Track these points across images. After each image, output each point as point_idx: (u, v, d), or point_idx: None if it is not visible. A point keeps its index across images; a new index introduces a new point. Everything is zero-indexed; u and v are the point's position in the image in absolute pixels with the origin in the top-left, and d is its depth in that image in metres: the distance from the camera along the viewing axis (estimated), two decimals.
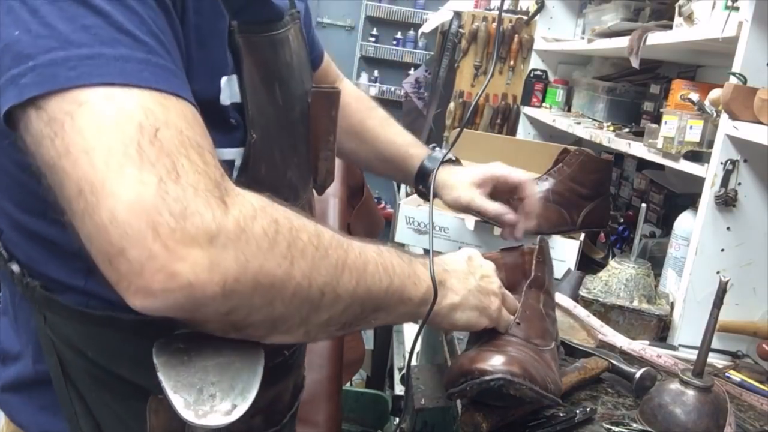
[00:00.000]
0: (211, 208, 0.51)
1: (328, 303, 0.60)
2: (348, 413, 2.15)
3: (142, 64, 0.53)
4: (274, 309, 0.56)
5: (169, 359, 0.57)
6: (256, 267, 0.53)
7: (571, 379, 0.93)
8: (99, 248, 0.50)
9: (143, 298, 0.50)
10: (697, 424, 0.84)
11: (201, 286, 0.50)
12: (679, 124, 1.27)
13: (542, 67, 2.69)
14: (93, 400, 0.70)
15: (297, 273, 0.56)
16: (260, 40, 0.74)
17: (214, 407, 0.53)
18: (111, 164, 0.49)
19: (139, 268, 0.49)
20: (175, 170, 0.50)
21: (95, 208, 0.49)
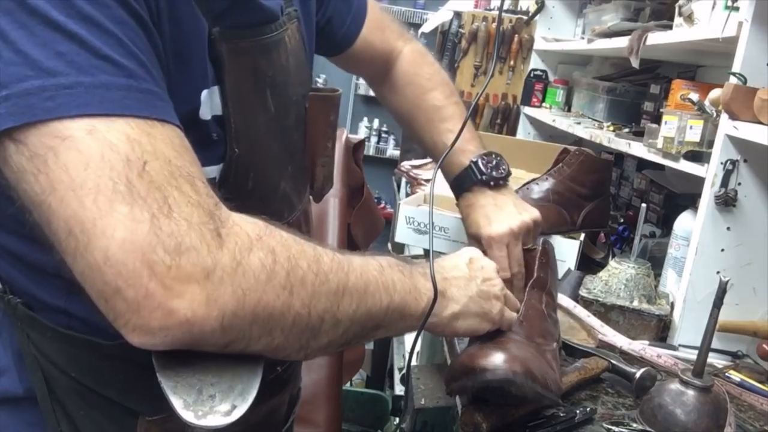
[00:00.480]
0: (206, 243, 0.50)
1: (328, 328, 0.60)
2: (348, 413, 2.15)
3: (123, 90, 0.51)
4: (274, 339, 0.56)
5: (168, 359, 0.57)
6: (254, 300, 0.52)
7: (571, 379, 0.93)
8: (94, 287, 0.49)
9: (141, 336, 0.50)
10: (697, 424, 0.84)
11: (199, 323, 0.50)
12: (679, 124, 1.27)
13: (542, 67, 2.69)
14: (80, 418, 0.68)
15: (296, 302, 0.56)
16: (248, 45, 0.70)
17: (214, 408, 0.53)
18: (100, 202, 0.48)
19: (136, 306, 0.48)
20: (167, 204, 0.49)
21: (87, 247, 0.48)
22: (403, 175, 2.29)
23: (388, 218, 2.17)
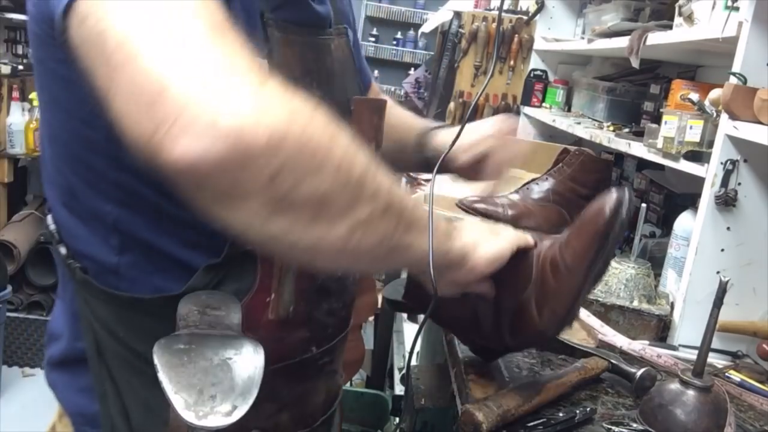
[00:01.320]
0: (254, 69, 0.50)
1: (370, 193, 0.56)
2: (348, 413, 2.14)
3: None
4: (321, 181, 0.52)
5: (170, 360, 0.57)
6: (303, 124, 0.50)
7: (571, 379, 0.93)
8: (138, 95, 0.47)
9: (186, 143, 0.45)
10: (697, 424, 0.84)
11: (249, 131, 0.46)
12: (679, 124, 1.27)
13: (542, 67, 2.70)
14: (123, 383, 0.73)
15: (339, 147, 0.53)
16: (298, 38, 0.75)
17: (215, 408, 0.53)
18: (161, 17, 0.48)
19: (185, 102, 0.46)
20: (221, 31, 0.50)
21: (137, 54, 0.47)
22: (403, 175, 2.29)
23: None
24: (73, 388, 0.78)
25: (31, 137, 3.30)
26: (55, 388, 0.81)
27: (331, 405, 0.91)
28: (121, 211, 0.70)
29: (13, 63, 3.43)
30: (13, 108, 3.30)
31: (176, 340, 0.61)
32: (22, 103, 3.34)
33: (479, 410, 0.79)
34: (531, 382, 0.87)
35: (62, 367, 0.79)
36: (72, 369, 0.77)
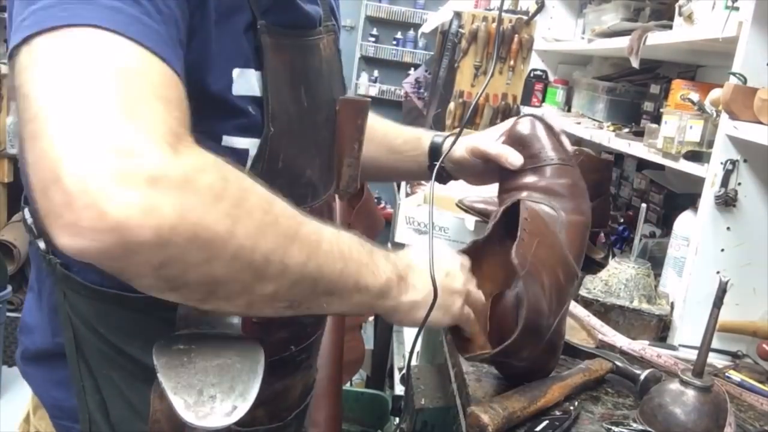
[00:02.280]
0: (158, 152, 0.49)
1: (274, 273, 0.57)
2: (348, 413, 2.14)
3: (132, 18, 0.53)
4: (213, 269, 0.52)
5: (169, 360, 0.57)
6: (195, 218, 0.50)
7: (576, 381, 0.93)
8: (37, 175, 0.48)
9: (69, 236, 0.47)
10: (697, 424, 0.84)
11: (133, 230, 0.47)
12: (679, 124, 1.27)
13: (542, 67, 2.69)
14: (102, 378, 0.73)
15: (240, 233, 0.53)
16: (288, 42, 0.76)
17: (215, 408, 0.53)
18: (74, 95, 0.49)
19: (71, 199, 0.46)
20: (134, 112, 0.50)
21: (44, 132, 0.48)
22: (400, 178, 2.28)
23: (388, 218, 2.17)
24: (51, 381, 0.77)
25: None
26: (31, 382, 0.80)
27: (305, 398, 0.94)
28: None
29: None
30: (13, 108, 3.30)
31: (176, 340, 0.61)
32: None
33: (485, 412, 0.79)
34: (536, 383, 0.87)
35: (38, 361, 0.79)
36: (49, 363, 0.77)
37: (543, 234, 0.86)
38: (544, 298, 0.81)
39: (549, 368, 0.91)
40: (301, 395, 0.92)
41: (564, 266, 0.86)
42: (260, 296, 0.58)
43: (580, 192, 0.93)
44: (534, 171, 0.93)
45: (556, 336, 0.86)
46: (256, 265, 0.55)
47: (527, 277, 0.79)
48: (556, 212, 0.90)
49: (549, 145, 0.94)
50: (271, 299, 0.59)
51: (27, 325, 0.81)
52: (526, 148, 0.94)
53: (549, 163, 0.92)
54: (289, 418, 0.89)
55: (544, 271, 0.82)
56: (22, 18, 0.53)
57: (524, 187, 0.93)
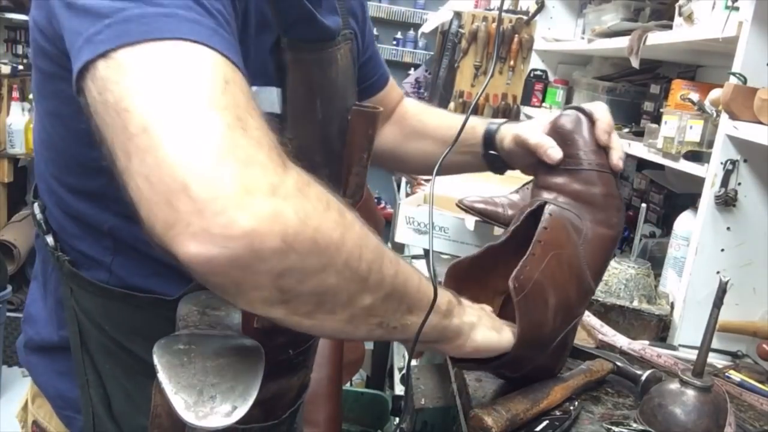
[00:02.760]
0: (273, 163, 0.50)
1: (374, 284, 0.58)
2: (348, 413, 2.15)
3: (212, 30, 0.54)
4: (327, 277, 0.53)
5: (169, 360, 0.57)
6: (315, 225, 0.51)
7: (578, 382, 0.93)
8: (157, 187, 0.48)
9: (200, 243, 0.47)
10: (697, 424, 0.84)
11: (261, 236, 0.48)
12: (679, 124, 1.27)
13: (542, 67, 2.70)
14: (105, 372, 0.74)
15: (349, 241, 0.54)
16: (308, 57, 0.77)
17: (214, 409, 0.53)
18: (183, 104, 0.49)
19: (201, 207, 0.46)
20: (242, 121, 0.50)
21: (160, 144, 0.48)
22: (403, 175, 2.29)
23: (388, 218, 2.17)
24: (54, 372, 0.78)
25: (31, 137, 3.30)
26: (33, 371, 0.81)
27: (300, 397, 0.94)
28: (118, 221, 0.69)
29: (13, 63, 3.43)
30: (13, 108, 3.30)
31: (176, 340, 0.61)
32: (22, 103, 3.34)
33: (488, 415, 0.79)
34: (538, 385, 0.87)
35: (42, 352, 0.80)
36: (52, 354, 0.78)
37: (561, 246, 0.82)
38: (547, 317, 0.79)
39: (554, 371, 0.90)
40: (297, 394, 0.93)
41: (578, 283, 0.82)
42: (360, 309, 0.58)
43: (613, 203, 0.86)
44: (569, 172, 0.87)
45: (561, 347, 0.85)
46: (361, 274, 0.56)
47: (523, 301, 0.76)
48: (582, 222, 0.85)
49: (590, 147, 0.87)
50: (367, 313, 0.60)
51: (31, 316, 0.82)
52: (566, 145, 0.88)
53: (586, 168, 0.86)
54: (284, 416, 0.90)
55: (552, 288, 0.79)
56: (93, 31, 0.52)
57: (555, 188, 0.87)
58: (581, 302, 0.85)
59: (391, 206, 5.33)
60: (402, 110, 1.17)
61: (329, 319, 0.57)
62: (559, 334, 0.82)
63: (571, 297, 0.82)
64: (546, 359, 0.84)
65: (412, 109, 1.17)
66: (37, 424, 0.83)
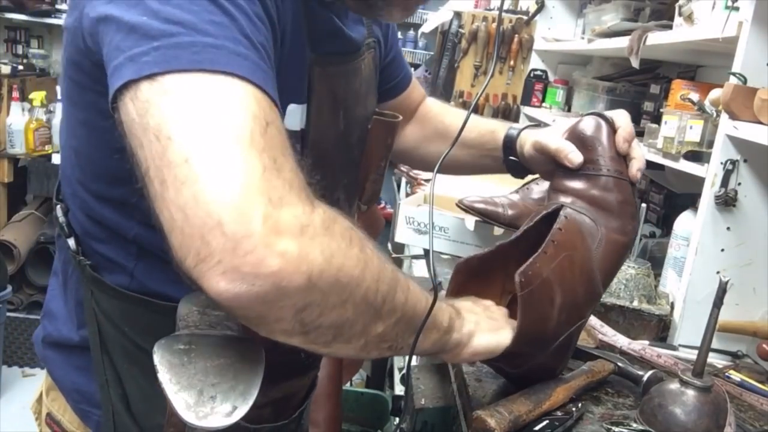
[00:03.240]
0: (302, 203, 0.52)
1: (387, 313, 0.61)
2: (348, 413, 2.14)
3: (256, 66, 0.55)
4: (345, 311, 0.56)
5: (170, 360, 0.57)
6: (339, 263, 0.53)
7: (580, 383, 0.92)
8: (191, 220, 0.49)
9: (230, 280, 0.49)
10: (697, 424, 0.84)
11: (288, 276, 0.50)
12: (679, 124, 1.28)
13: (542, 67, 2.70)
14: (124, 372, 0.76)
15: (368, 276, 0.57)
16: (334, 71, 0.79)
17: (215, 409, 0.53)
18: (224, 141, 0.50)
19: (234, 245, 0.48)
20: (277, 163, 0.52)
21: (200, 177, 0.49)
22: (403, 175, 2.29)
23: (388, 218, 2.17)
24: (71, 366, 0.80)
25: (31, 137, 3.30)
26: (50, 365, 0.83)
27: (308, 396, 0.95)
28: (143, 230, 0.71)
29: (13, 63, 3.44)
30: (13, 108, 3.30)
31: (176, 340, 0.61)
32: (22, 103, 3.34)
33: (491, 416, 0.79)
34: (540, 386, 0.87)
35: (60, 348, 0.81)
36: (71, 350, 0.80)
37: (574, 248, 0.82)
38: (552, 315, 0.79)
39: (555, 372, 0.90)
40: (306, 394, 0.94)
41: (587, 286, 0.83)
42: (373, 337, 0.61)
43: (628, 210, 0.87)
44: (588, 178, 0.88)
45: (563, 348, 0.85)
46: (376, 305, 0.59)
47: (528, 296, 0.77)
48: (597, 227, 0.85)
49: (609, 153, 0.88)
50: (380, 339, 0.62)
51: (51, 312, 0.83)
52: (585, 150, 0.89)
53: (605, 174, 0.87)
54: (294, 415, 0.90)
55: (560, 288, 0.79)
56: (139, 51, 0.53)
57: (572, 192, 0.88)
58: (588, 305, 0.85)
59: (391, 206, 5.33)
60: (424, 110, 1.17)
61: (344, 347, 0.60)
62: (562, 333, 0.82)
63: (579, 299, 0.82)
64: (547, 358, 0.84)
65: (435, 109, 1.18)
66: (51, 417, 0.84)
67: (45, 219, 3.46)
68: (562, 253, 0.80)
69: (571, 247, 0.81)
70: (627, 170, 0.88)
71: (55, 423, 0.84)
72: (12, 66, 3.33)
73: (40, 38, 3.96)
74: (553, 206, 0.87)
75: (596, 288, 0.85)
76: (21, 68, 3.45)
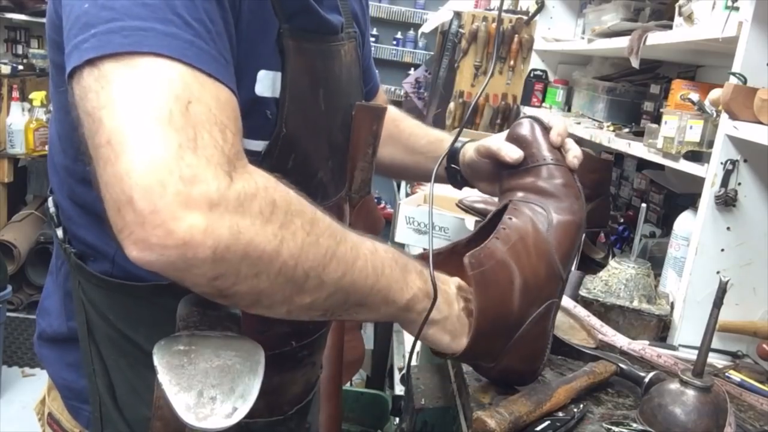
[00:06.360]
0: (217, 180, 0.55)
1: (312, 287, 0.63)
2: (348, 413, 2.15)
3: (188, 44, 0.58)
4: (260, 282, 0.58)
5: (169, 361, 0.57)
6: (247, 239, 0.56)
7: (581, 384, 0.92)
8: (112, 195, 0.54)
9: (140, 250, 0.54)
10: (697, 424, 0.84)
11: (194, 248, 0.53)
12: (679, 124, 1.28)
13: (542, 67, 2.69)
14: (111, 362, 0.77)
15: (285, 252, 0.59)
16: (310, 47, 0.80)
17: (215, 410, 0.53)
18: (142, 123, 0.54)
19: (142, 220, 0.53)
20: (195, 141, 0.55)
21: (118, 157, 0.53)
22: None
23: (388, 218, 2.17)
24: (62, 363, 0.82)
25: (31, 137, 3.30)
26: (45, 362, 0.85)
27: (307, 395, 0.95)
28: None
29: (13, 63, 3.44)
30: (13, 108, 3.30)
31: (176, 341, 0.61)
32: (22, 103, 3.34)
33: (491, 417, 0.79)
34: (541, 387, 0.87)
35: (53, 344, 0.83)
36: (62, 345, 0.82)
37: (526, 233, 0.86)
38: (512, 298, 0.81)
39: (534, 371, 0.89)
40: (303, 391, 0.93)
41: (547, 266, 0.85)
42: (298, 306, 0.63)
43: (572, 192, 0.92)
44: (529, 171, 0.93)
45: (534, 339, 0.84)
46: (296, 279, 0.61)
47: (480, 276, 0.79)
48: (546, 212, 0.89)
49: (544, 145, 0.94)
50: (308, 309, 0.64)
51: (45, 309, 0.86)
52: (523, 148, 0.95)
53: (543, 163, 0.93)
54: (290, 412, 0.90)
55: (518, 269, 0.82)
56: (81, 39, 0.58)
57: (520, 188, 0.93)
58: (551, 285, 0.86)
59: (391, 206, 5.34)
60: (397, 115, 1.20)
61: (269, 311, 0.63)
62: (528, 315, 0.82)
63: (540, 280, 0.84)
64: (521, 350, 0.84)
65: (392, 115, 1.19)
66: (51, 416, 0.86)
67: (45, 219, 3.44)
68: (515, 236, 0.84)
69: (523, 232, 0.85)
70: (564, 159, 0.93)
71: (55, 422, 0.85)
72: (12, 66, 3.33)
73: (40, 38, 3.96)
74: (503, 203, 0.92)
75: (556, 268, 0.87)
76: (21, 68, 3.45)
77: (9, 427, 2.52)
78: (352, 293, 0.67)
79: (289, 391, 0.90)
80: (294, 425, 0.92)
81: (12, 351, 3.10)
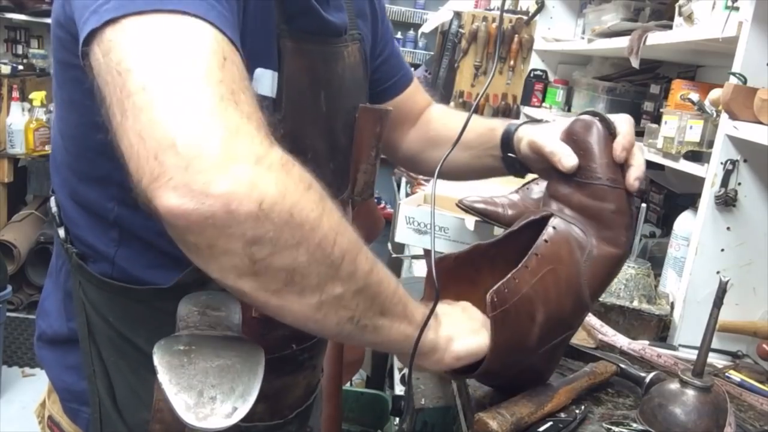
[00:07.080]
0: (260, 137, 0.52)
1: (346, 274, 0.58)
2: (348, 413, 2.15)
3: (210, 6, 0.56)
4: (298, 255, 0.54)
5: (170, 361, 0.57)
6: (294, 200, 0.52)
7: (582, 384, 0.92)
8: (149, 142, 0.50)
9: (179, 196, 0.49)
10: (697, 424, 0.84)
11: (239, 200, 0.49)
12: (679, 124, 1.28)
13: (542, 67, 2.70)
14: (111, 364, 0.76)
15: (325, 224, 0.55)
16: (310, 48, 0.79)
17: (215, 410, 0.53)
18: (180, 71, 0.51)
19: (186, 163, 0.49)
20: (234, 96, 0.52)
21: (155, 103, 0.50)
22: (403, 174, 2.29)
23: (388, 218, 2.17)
24: (62, 365, 0.81)
25: (31, 137, 3.30)
26: (45, 364, 0.84)
27: (308, 398, 0.94)
28: (122, 210, 0.72)
29: (13, 63, 3.44)
30: (13, 108, 3.30)
31: (176, 341, 0.61)
32: (22, 103, 3.34)
33: (493, 419, 0.79)
34: (542, 388, 0.86)
35: (53, 345, 0.82)
36: (62, 347, 0.81)
37: (560, 261, 0.78)
38: (530, 334, 0.76)
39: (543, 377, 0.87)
40: (304, 394, 0.92)
41: (574, 301, 0.79)
42: (330, 297, 0.58)
43: (622, 221, 0.82)
44: (580, 186, 0.83)
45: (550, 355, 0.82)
46: (333, 259, 0.57)
47: (501, 317, 0.74)
48: (587, 238, 0.80)
49: (604, 159, 0.82)
50: (337, 303, 0.59)
51: (44, 310, 0.85)
52: (580, 155, 0.83)
53: (597, 183, 0.82)
54: (291, 416, 0.89)
55: (542, 305, 0.76)
56: (100, 3, 0.55)
57: (563, 198, 0.84)
58: (575, 319, 0.82)
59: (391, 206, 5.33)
60: (428, 115, 1.14)
61: (297, 301, 0.57)
62: (544, 345, 0.79)
63: (565, 314, 0.79)
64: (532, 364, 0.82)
65: (438, 114, 1.14)
66: (51, 419, 0.85)
67: (45, 219, 3.46)
68: (546, 267, 0.76)
69: (556, 261, 0.77)
70: (624, 178, 0.83)
71: (55, 425, 0.84)
72: (12, 66, 3.33)
73: (40, 38, 3.96)
74: (541, 214, 0.84)
75: (584, 302, 0.81)
76: (21, 68, 3.45)
77: (9, 427, 2.52)
78: (378, 294, 0.63)
79: (289, 394, 0.89)
80: (295, 429, 0.91)
81: (12, 351, 3.10)
